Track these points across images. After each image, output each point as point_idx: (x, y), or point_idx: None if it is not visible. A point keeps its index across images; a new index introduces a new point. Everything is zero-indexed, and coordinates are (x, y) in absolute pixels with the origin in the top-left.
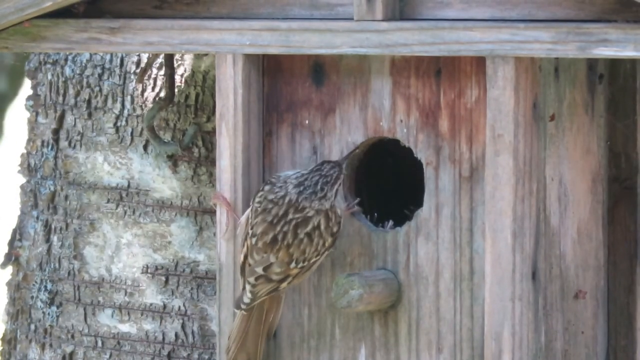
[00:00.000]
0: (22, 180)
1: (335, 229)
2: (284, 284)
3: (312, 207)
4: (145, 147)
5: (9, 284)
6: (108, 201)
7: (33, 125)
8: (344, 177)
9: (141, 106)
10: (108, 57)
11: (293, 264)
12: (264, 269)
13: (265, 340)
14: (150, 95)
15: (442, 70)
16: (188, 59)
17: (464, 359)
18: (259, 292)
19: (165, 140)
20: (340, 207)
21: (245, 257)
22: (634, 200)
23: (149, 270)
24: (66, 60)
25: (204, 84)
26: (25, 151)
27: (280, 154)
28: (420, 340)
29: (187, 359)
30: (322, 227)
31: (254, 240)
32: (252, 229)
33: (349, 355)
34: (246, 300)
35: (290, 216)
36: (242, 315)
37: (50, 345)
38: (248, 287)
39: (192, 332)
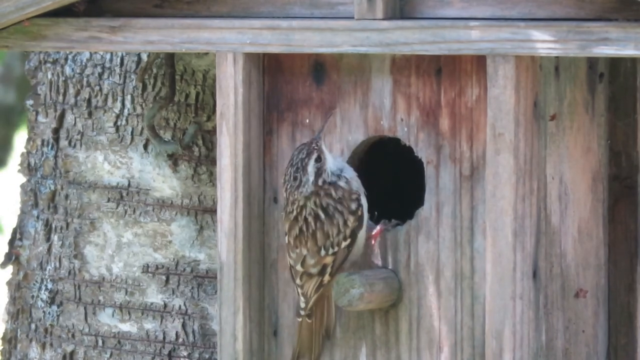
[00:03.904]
0: (23, 179)
1: (354, 206)
2: (326, 277)
3: (300, 197)
4: (145, 146)
5: (9, 283)
6: (108, 200)
7: (33, 124)
8: (320, 146)
9: (141, 105)
10: (108, 56)
11: (323, 252)
12: (302, 265)
13: (322, 340)
14: (150, 94)
15: (442, 69)
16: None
17: (464, 357)
18: (307, 291)
19: (166, 140)
20: (353, 182)
21: (290, 264)
22: (635, 199)
23: (149, 270)
24: (66, 59)
25: (204, 83)
26: (25, 150)
27: (280, 153)
28: (421, 339)
29: (188, 358)
30: (338, 203)
31: (287, 239)
32: (285, 230)
33: (349, 354)
34: (302, 304)
35: (304, 207)
36: (303, 322)
37: (51, 344)
38: (299, 290)
39: (193, 332)
